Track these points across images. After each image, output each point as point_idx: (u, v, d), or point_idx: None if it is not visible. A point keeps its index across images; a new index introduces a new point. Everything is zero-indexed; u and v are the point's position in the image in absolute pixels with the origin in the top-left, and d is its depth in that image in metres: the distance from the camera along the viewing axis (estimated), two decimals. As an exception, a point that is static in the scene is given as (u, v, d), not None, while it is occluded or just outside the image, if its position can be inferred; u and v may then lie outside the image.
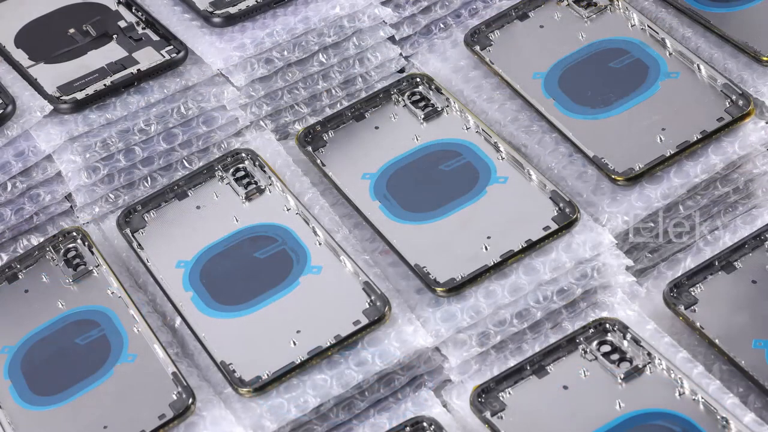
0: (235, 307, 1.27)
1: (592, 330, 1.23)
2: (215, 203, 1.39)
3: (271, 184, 1.38)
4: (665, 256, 1.34)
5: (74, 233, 1.37)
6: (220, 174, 1.41)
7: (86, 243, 1.36)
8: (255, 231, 1.34)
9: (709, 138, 1.33)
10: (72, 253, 1.36)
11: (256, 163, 1.40)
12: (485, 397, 1.19)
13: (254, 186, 1.38)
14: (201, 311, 1.27)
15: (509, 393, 1.20)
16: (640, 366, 1.19)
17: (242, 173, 1.40)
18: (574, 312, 1.28)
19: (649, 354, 1.20)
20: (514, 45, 1.48)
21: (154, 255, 1.33)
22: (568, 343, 1.23)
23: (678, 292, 1.26)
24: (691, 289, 1.26)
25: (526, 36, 1.49)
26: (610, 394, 1.18)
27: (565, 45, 1.46)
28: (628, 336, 1.22)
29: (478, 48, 1.48)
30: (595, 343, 1.23)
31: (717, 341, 1.20)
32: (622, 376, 1.19)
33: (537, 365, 1.21)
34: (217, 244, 1.34)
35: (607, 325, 1.23)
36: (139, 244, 1.35)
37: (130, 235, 1.36)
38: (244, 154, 1.41)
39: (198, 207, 1.39)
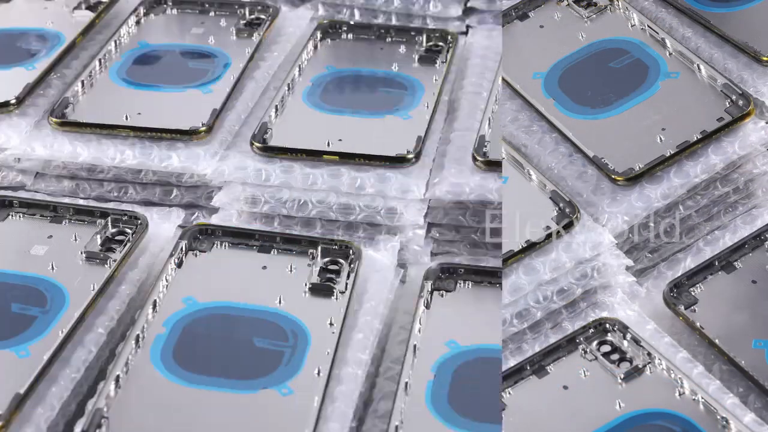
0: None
1: (592, 330, 1.23)
2: None
3: None
4: (665, 256, 1.34)
5: None
6: None
7: None
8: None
9: (709, 138, 1.33)
10: None
11: None
12: (485, 397, 1.20)
13: None
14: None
15: (509, 393, 1.20)
16: (640, 366, 1.19)
17: None
18: (574, 312, 1.28)
19: (649, 354, 1.20)
20: (514, 45, 1.48)
21: None
22: (568, 343, 1.22)
23: (678, 292, 1.26)
24: (691, 289, 1.26)
25: (526, 36, 1.49)
26: (610, 394, 1.18)
27: (565, 45, 1.46)
28: (628, 336, 1.22)
29: (478, 48, 1.48)
30: (595, 343, 1.22)
31: (717, 341, 1.20)
32: (622, 376, 1.19)
33: (537, 365, 1.21)
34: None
35: (607, 325, 1.23)
36: None
37: None
38: None
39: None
